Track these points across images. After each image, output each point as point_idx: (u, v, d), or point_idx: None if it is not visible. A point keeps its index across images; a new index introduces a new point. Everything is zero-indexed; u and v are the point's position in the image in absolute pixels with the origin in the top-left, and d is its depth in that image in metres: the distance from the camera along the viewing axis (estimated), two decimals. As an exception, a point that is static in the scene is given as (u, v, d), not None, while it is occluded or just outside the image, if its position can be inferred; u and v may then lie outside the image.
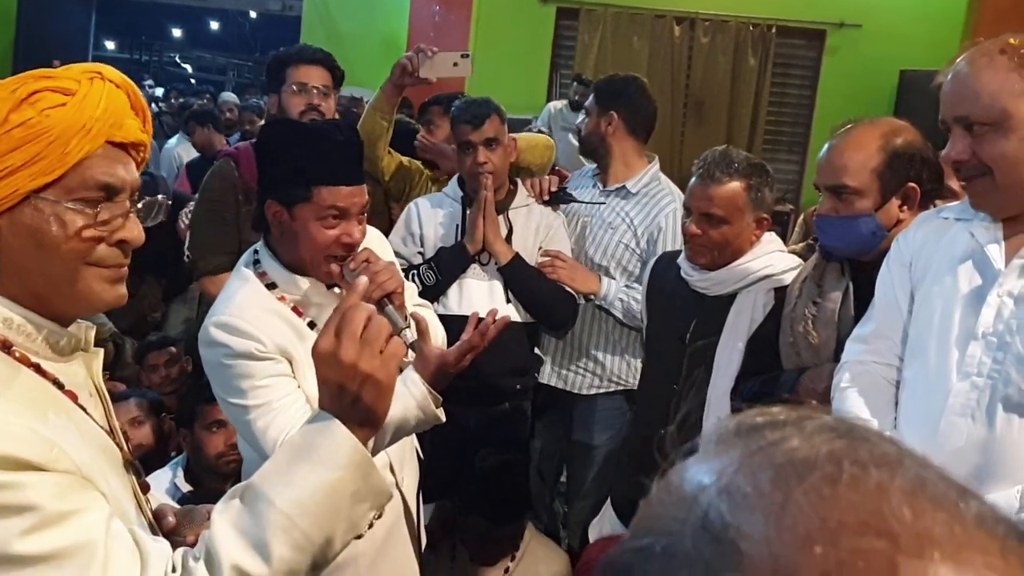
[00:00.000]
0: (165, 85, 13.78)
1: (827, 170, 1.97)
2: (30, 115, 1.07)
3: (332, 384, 1.17)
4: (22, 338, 1.12)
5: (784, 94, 7.42)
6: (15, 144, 1.06)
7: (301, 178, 1.81)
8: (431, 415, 1.82)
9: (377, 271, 1.81)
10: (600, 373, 3.02)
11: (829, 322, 2.01)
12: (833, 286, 2.04)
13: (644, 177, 3.01)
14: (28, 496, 0.99)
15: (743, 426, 0.43)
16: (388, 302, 1.80)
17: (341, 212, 1.83)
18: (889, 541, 0.36)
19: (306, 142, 1.85)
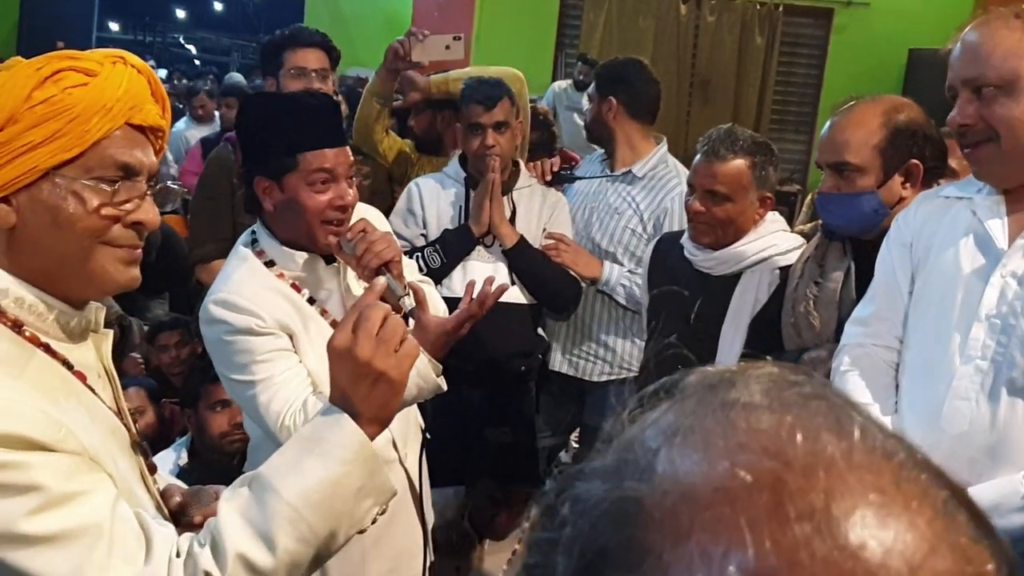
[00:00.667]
0: (169, 66, 13.78)
1: (829, 147, 1.96)
2: (53, 92, 1.09)
3: (345, 380, 1.18)
4: (33, 318, 1.13)
5: (791, 73, 7.38)
6: (37, 121, 1.08)
7: (284, 148, 1.82)
8: (432, 384, 1.83)
9: (374, 240, 1.83)
10: (611, 360, 3.02)
11: (830, 303, 2.00)
12: (835, 266, 2.03)
13: (651, 160, 2.99)
14: (34, 476, 1.00)
15: (698, 380, 0.44)
16: (386, 271, 1.82)
17: (329, 174, 1.84)
18: (780, 462, 0.37)
19: (284, 111, 1.87)
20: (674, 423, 0.41)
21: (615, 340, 3.01)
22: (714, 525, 0.36)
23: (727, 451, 0.38)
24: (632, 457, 0.40)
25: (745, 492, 0.36)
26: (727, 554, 0.35)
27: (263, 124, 1.88)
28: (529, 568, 0.42)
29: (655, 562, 0.36)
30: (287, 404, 1.76)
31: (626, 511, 0.38)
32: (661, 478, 0.39)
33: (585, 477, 0.41)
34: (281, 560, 1.10)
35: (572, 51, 7.34)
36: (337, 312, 1.95)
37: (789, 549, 0.35)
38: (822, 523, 0.35)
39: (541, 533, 0.42)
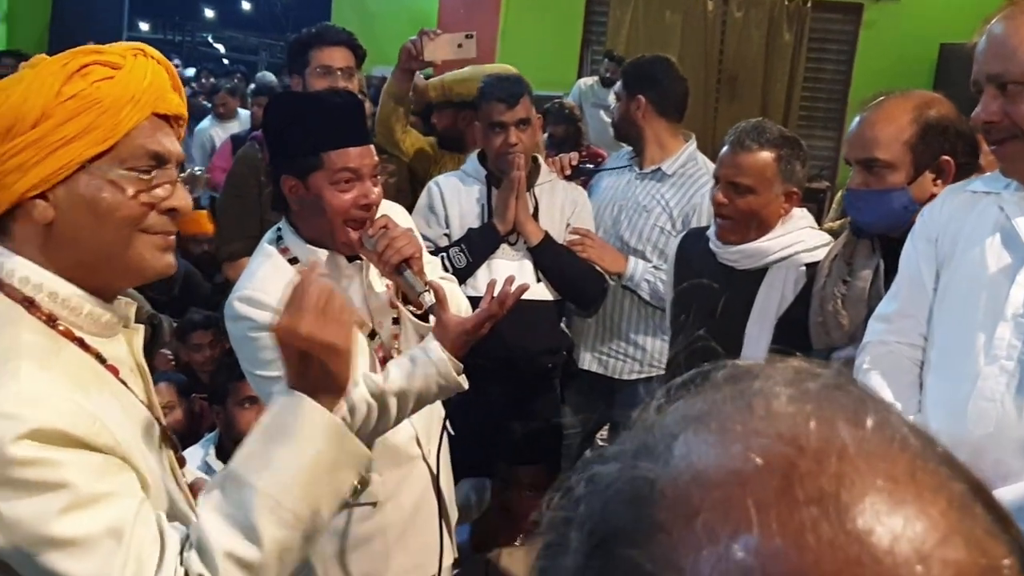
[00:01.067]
0: (197, 65, 13.89)
1: (858, 143, 1.94)
2: (82, 87, 1.11)
3: (295, 358, 1.20)
4: (67, 312, 1.15)
5: (819, 69, 7.31)
6: (69, 115, 1.10)
7: (309, 147, 1.84)
8: (452, 382, 1.84)
9: (395, 236, 1.84)
10: (640, 358, 3.00)
11: (859, 301, 1.98)
12: (863, 264, 2.01)
13: (680, 157, 2.98)
14: (64, 474, 1.01)
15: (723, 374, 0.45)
16: (407, 267, 1.83)
17: (354, 173, 1.85)
18: (793, 447, 0.37)
19: (307, 111, 1.89)
20: (694, 410, 0.42)
21: (644, 338, 2.99)
22: (722, 505, 0.36)
23: (742, 436, 0.39)
24: (650, 441, 0.41)
25: (755, 475, 0.37)
26: (733, 534, 0.36)
27: (288, 123, 1.90)
28: (547, 546, 0.42)
29: (664, 539, 0.37)
30: None
31: (639, 491, 0.39)
32: (676, 460, 0.39)
33: (603, 460, 0.42)
34: (269, 550, 1.10)
35: (598, 48, 7.31)
36: (361, 309, 1.96)
37: (795, 531, 0.35)
38: (830, 507, 0.35)
39: (558, 512, 0.43)
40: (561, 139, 4.98)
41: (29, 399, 1.02)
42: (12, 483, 0.99)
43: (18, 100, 1.10)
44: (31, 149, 1.10)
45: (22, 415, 1.00)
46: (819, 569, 0.34)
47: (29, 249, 1.14)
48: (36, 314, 1.12)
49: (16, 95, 1.10)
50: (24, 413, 1.01)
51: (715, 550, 0.36)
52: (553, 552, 0.41)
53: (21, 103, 1.10)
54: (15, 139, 1.09)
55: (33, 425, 1.00)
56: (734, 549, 0.35)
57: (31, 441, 1.00)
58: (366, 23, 7.02)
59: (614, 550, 0.38)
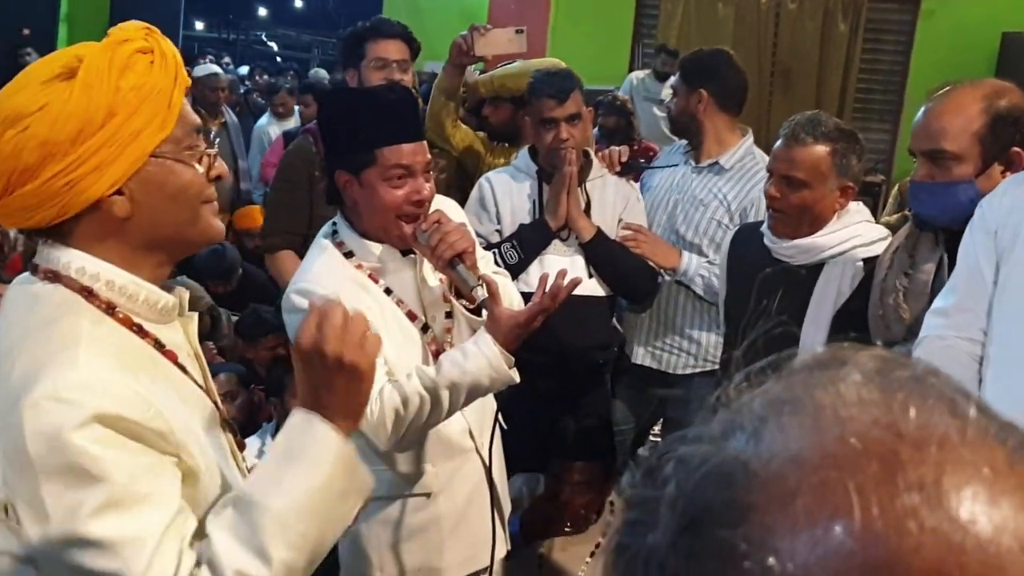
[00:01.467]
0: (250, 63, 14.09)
1: (924, 134, 1.89)
2: (136, 78, 1.13)
3: (316, 378, 1.18)
4: (124, 299, 1.17)
5: (876, 60, 7.18)
6: (133, 108, 1.12)
7: (362, 143, 1.86)
8: (504, 375, 1.84)
9: (448, 231, 1.85)
10: (695, 352, 2.97)
11: (922, 295, 1.94)
12: (926, 257, 1.96)
13: (737, 152, 2.94)
14: (105, 468, 1.03)
15: (810, 360, 0.44)
16: (459, 261, 1.84)
17: (406, 170, 1.87)
18: (891, 433, 0.37)
19: (362, 107, 1.91)
20: (783, 395, 0.42)
21: (699, 332, 2.96)
22: (821, 489, 0.36)
23: (837, 421, 0.39)
24: (738, 423, 0.41)
25: (854, 459, 0.37)
26: (832, 517, 0.35)
27: (342, 119, 1.93)
28: (630, 524, 0.43)
29: (758, 520, 0.37)
30: None
31: (731, 471, 0.39)
32: (769, 443, 0.39)
33: (689, 442, 0.43)
34: (277, 571, 1.10)
35: (649, 41, 7.26)
36: (412, 302, 1.98)
37: (897, 517, 0.35)
38: (932, 495, 0.35)
39: (643, 491, 0.43)
40: (612, 131, 4.94)
41: (87, 386, 1.05)
42: (60, 470, 1.02)
43: (80, 103, 1.10)
44: (105, 149, 1.11)
45: (80, 401, 1.03)
46: (920, 555, 0.34)
47: (90, 243, 1.16)
48: (95, 303, 1.14)
49: (75, 98, 1.10)
50: (83, 399, 1.03)
51: (814, 533, 0.36)
52: (638, 529, 0.42)
53: (85, 105, 1.10)
54: (86, 141, 1.10)
55: (90, 412, 1.03)
56: (834, 532, 0.35)
57: (87, 430, 1.02)
58: (416, 19, 7.05)
59: (705, 530, 0.38)
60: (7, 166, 1.10)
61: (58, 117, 1.09)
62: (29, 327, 1.12)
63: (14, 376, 1.07)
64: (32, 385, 1.04)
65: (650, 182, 3.12)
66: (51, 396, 1.03)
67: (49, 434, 1.01)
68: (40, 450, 1.01)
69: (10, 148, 1.09)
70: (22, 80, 1.13)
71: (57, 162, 1.10)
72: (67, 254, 1.16)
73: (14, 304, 1.17)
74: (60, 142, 1.09)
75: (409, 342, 1.96)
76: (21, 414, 1.02)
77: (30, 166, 1.10)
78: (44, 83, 1.11)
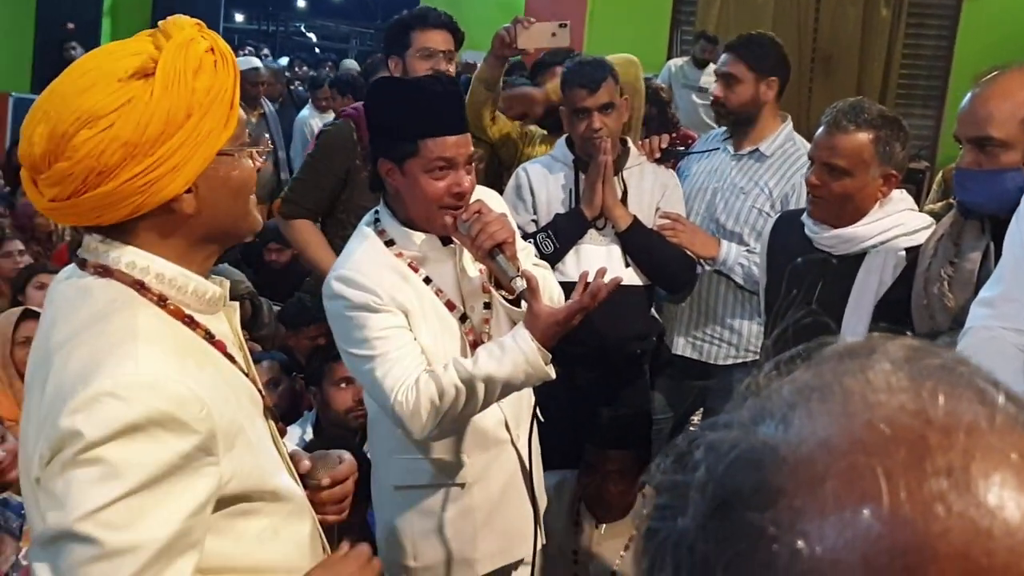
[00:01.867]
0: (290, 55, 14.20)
1: (970, 120, 1.86)
2: (208, 79, 1.14)
3: None
4: (174, 291, 1.18)
5: (919, 45, 7.04)
6: (206, 108, 1.13)
7: (407, 133, 1.88)
8: (540, 372, 1.85)
9: (489, 221, 1.87)
10: (736, 343, 2.96)
11: (967, 284, 1.90)
12: (972, 245, 1.93)
13: (778, 138, 2.91)
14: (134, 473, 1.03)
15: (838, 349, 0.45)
16: (500, 251, 1.85)
17: (448, 162, 1.88)
18: (920, 420, 0.38)
19: (408, 97, 1.93)
20: (812, 382, 0.42)
21: (741, 322, 2.94)
22: (850, 473, 0.37)
23: (866, 406, 0.39)
24: (768, 409, 0.42)
25: (883, 444, 0.37)
26: (861, 501, 0.36)
27: (388, 108, 1.94)
28: (660, 508, 0.43)
29: (787, 503, 0.37)
30: (400, 381, 1.84)
31: (760, 456, 0.40)
32: (798, 428, 0.40)
33: (718, 428, 0.43)
34: None
35: (688, 28, 7.19)
36: (452, 292, 1.99)
37: (925, 502, 0.35)
38: (960, 480, 0.36)
39: (673, 476, 0.43)
40: (648, 119, 4.90)
41: (146, 384, 1.06)
42: (93, 462, 1.02)
43: (162, 103, 1.10)
44: (183, 149, 1.12)
45: (138, 399, 1.04)
46: (947, 540, 0.34)
47: (153, 240, 1.17)
48: (147, 296, 1.16)
49: (157, 99, 1.10)
50: (140, 397, 1.04)
51: (842, 516, 0.36)
52: (668, 514, 0.42)
53: (167, 106, 1.10)
54: (167, 142, 1.10)
55: (145, 411, 1.04)
56: (862, 516, 0.36)
57: (138, 430, 1.03)
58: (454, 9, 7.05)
59: (735, 513, 0.39)
60: (84, 166, 1.09)
61: (141, 118, 1.09)
62: (82, 321, 1.13)
63: (70, 367, 1.08)
64: (91, 378, 1.05)
65: (688, 169, 3.10)
66: (109, 392, 1.04)
67: (101, 426, 1.02)
68: (87, 438, 1.02)
69: (88, 148, 1.08)
70: (89, 77, 1.11)
71: (138, 163, 1.09)
72: (117, 250, 1.17)
73: (65, 298, 1.18)
74: (142, 143, 1.09)
75: (446, 332, 1.97)
76: (77, 405, 1.03)
77: (110, 167, 1.09)
78: (120, 81, 1.10)
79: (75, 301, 1.16)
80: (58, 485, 1.03)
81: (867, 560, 0.35)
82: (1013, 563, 0.34)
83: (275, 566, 1.23)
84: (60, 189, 1.11)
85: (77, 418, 1.03)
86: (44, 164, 1.11)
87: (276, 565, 1.23)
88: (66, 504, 1.02)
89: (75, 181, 1.10)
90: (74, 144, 1.08)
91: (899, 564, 0.34)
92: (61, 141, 1.09)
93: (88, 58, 1.15)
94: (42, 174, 1.12)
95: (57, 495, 1.03)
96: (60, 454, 1.04)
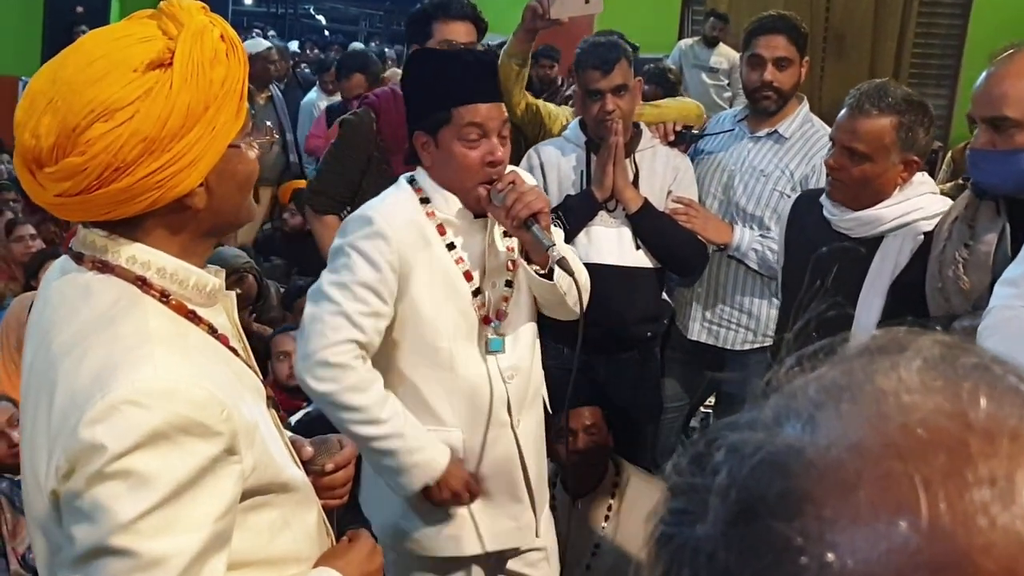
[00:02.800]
0: (299, 37, 14.18)
1: (985, 100, 1.83)
2: (223, 70, 1.11)
3: None
4: (176, 286, 1.15)
5: (932, 24, 6.98)
6: (222, 100, 1.10)
7: (440, 102, 1.90)
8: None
9: (524, 191, 1.88)
10: (754, 327, 2.93)
11: (983, 266, 1.88)
12: (987, 227, 1.90)
13: (796, 120, 2.89)
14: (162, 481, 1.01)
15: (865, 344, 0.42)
16: (534, 221, 1.86)
17: (481, 129, 1.90)
18: (959, 423, 0.35)
19: (441, 67, 1.97)
20: (840, 380, 0.40)
21: (758, 307, 2.91)
22: (885, 481, 0.35)
23: (900, 408, 0.37)
24: (793, 409, 0.40)
25: (920, 450, 0.35)
26: (898, 512, 0.34)
27: (422, 79, 1.99)
28: (675, 512, 0.41)
29: (815, 513, 0.35)
30: (333, 343, 1.86)
31: (787, 460, 0.38)
32: (826, 430, 0.37)
33: (740, 428, 0.41)
34: None
35: (699, 7, 7.14)
36: (475, 264, 1.99)
37: (966, 513, 0.33)
38: (1004, 490, 0.33)
39: (691, 479, 0.41)
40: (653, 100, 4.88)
41: (165, 389, 1.02)
42: (120, 475, 1.00)
43: (183, 97, 1.05)
44: (200, 143, 1.08)
45: (157, 405, 1.01)
46: (991, 555, 0.32)
47: (161, 235, 1.14)
48: (150, 292, 1.12)
49: (176, 92, 1.05)
50: (161, 404, 1.01)
51: (876, 527, 0.34)
52: (685, 519, 0.40)
53: (186, 99, 1.06)
54: (186, 136, 1.06)
55: (167, 418, 1.01)
56: (899, 528, 0.34)
57: (160, 438, 1.01)
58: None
59: (759, 521, 0.37)
60: (99, 162, 1.04)
61: (161, 111, 1.04)
62: (87, 323, 1.09)
63: (83, 374, 1.04)
64: (108, 386, 1.02)
65: (699, 153, 3.07)
66: (129, 400, 1.01)
67: (122, 436, 0.99)
68: (111, 451, 0.99)
69: (105, 143, 1.03)
70: (100, 66, 1.05)
71: (156, 158, 1.05)
72: (115, 244, 1.12)
73: (64, 298, 1.14)
74: (162, 138, 1.05)
75: (451, 300, 1.97)
76: (96, 415, 1.00)
77: (127, 162, 1.04)
78: (136, 72, 1.05)
79: (75, 301, 1.12)
80: (85, 500, 1.00)
81: (902, 575, 0.33)
82: None
83: (286, 556, 1.22)
84: (71, 184, 1.05)
85: (98, 429, 1.00)
86: (51, 158, 1.05)
87: (287, 555, 1.22)
88: (98, 519, 1.00)
89: (89, 177, 1.04)
90: (88, 138, 1.03)
91: None
92: (72, 135, 1.03)
93: (91, 44, 1.08)
94: (46, 168, 1.06)
95: (86, 510, 1.01)
96: (83, 468, 1.00)
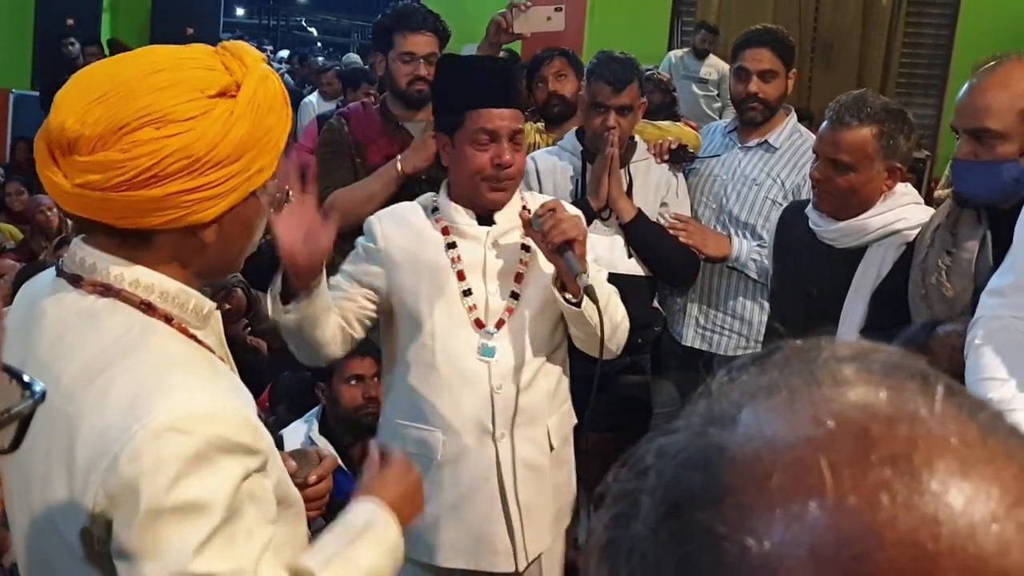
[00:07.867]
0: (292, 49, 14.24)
1: (967, 112, 1.86)
2: (273, 118, 1.12)
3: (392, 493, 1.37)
4: (177, 309, 1.13)
5: (920, 34, 7.04)
6: (263, 147, 1.11)
7: (456, 105, 2.00)
8: None
9: (561, 218, 1.92)
10: (747, 333, 2.95)
11: (965, 273, 1.91)
12: (968, 234, 1.94)
13: (785, 130, 2.93)
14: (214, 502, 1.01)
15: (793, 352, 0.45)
16: (568, 248, 1.90)
17: (491, 134, 1.96)
18: (865, 413, 0.38)
19: (460, 73, 2.09)
20: (759, 383, 0.42)
21: (751, 312, 2.94)
22: (795, 467, 0.37)
23: (812, 403, 0.39)
24: (717, 411, 0.42)
25: (828, 438, 0.38)
26: (807, 494, 0.36)
27: (443, 84, 2.10)
28: (615, 517, 0.43)
29: (736, 501, 0.38)
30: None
31: (709, 456, 0.40)
32: (746, 427, 0.40)
33: (668, 432, 0.43)
34: None
35: (688, 19, 7.19)
36: (474, 267, 2.03)
37: (869, 491, 0.36)
38: (904, 468, 0.36)
39: (625, 484, 0.43)
40: (656, 107, 4.92)
41: (202, 413, 1.03)
42: (176, 505, 1.00)
43: (238, 129, 1.07)
44: (233, 179, 1.08)
45: (196, 430, 1.01)
46: (894, 527, 0.35)
47: (163, 260, 1.13)
48: (156, 316, 1.11)
49: (235, 123, 1.07)
50: (199, 428, 1.01)
51: (788, 510, 0.36)
52: (622, 522, 0.42)
53: (240, 133, 1.07)
54: (225, 168, 1.07)
55: (204, 439, 1.01)
56: (808, 508, 0.36)
57: (205, 461, 1.01)
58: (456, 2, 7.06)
59: (685, 514, 0.39)
60: (137, 164, 1.03)
61: (215, 136, 1.05)
62: (103, 350, 1.07)
63: (111, 404, 1.03)
64: (143, 415, 1.00)
65: (692, 166, 3.09)
66: (169, 427, 1.00)
67: (169, 466, 0.99)
68: (160, 483, 0.99)
69: (149, 148, 1.03)
70: (165, 77, 1.05)
71: (193, 179, 1.05)
72: (118, 266, 1.11)
73: (67, 325, 1.11)
74: (206, 161, 1.05)
75: (438, 294, 2.01)
76: (138, 449, 0.99)
77: (165, 173, 1.04)
78: (201, 93, 1.06)
79: (81, 330, 1.09)
80: (146, 538, 0.99)
81: (815, 552, 0.35)
82: (959, 546, 0.35)
83: None
84: (100, 178, 1.03)
85: (143, 463, 0.99)
86: (89, 148, 1.03)
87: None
88: (165, 553, 0.99)
89: (121, 175, 1.03)
90: (135, 139, 1.03)
91: (847, 553, 0.35)
92: (120, 132, 1.03)
93: (156, 56, 1.09)
94: (78, 156, 1.04)
95: (147, 548, 0.99)
96: (131, 504, 0.99)
